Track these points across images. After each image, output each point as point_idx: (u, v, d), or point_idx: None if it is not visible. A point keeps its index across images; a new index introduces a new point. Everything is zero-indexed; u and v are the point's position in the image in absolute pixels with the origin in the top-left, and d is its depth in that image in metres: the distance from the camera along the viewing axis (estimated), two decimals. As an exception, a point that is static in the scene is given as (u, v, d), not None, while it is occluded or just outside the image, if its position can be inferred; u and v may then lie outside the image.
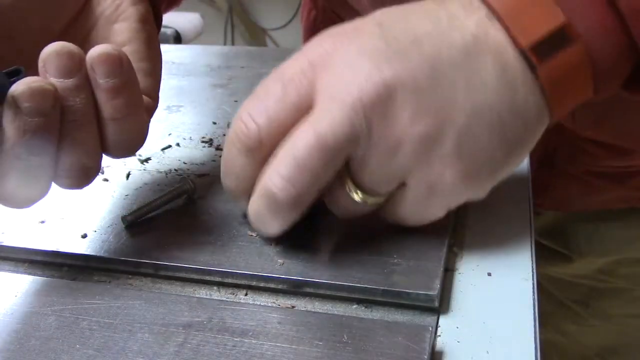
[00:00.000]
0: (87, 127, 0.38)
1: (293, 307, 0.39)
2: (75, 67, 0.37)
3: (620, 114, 0.62)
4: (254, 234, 0.43)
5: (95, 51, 0.38)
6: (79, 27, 0.45)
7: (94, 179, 0.41)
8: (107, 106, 0.38)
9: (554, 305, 0.79)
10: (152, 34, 0.46)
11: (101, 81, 0.38)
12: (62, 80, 0.36)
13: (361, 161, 0.38)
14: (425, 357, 0.33)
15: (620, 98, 0.41)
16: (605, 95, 0.39)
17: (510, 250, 0.43)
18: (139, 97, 0.41)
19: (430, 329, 0.35)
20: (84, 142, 0.38)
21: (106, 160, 0.55)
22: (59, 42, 0.37)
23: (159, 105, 0.46)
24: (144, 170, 0.53)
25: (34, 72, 0.37)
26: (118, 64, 0.38)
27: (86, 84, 0.38)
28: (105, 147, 0.40)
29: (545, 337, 0.37)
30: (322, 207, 0.42)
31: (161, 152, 0.56)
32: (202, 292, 0.40)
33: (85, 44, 0.40)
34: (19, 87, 0.34)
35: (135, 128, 0.41)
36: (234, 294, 0.40)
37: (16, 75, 0.35)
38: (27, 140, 0.35)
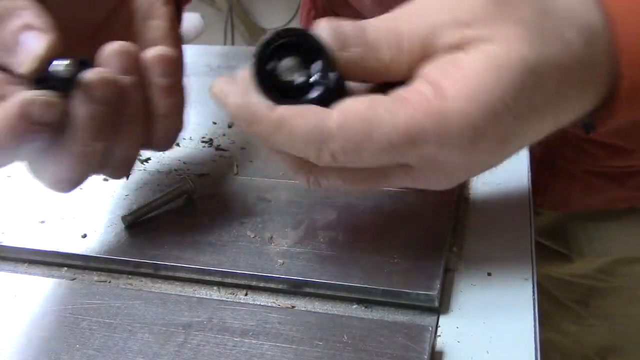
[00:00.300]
0: (138, 122, 0.41)
1: (293, 307, 0.39)
2: (134, 65, 0.40)
3: None
4: (253, 234, 0.43)
5: (152, 52, 0.41)
6: (116, 20, 0.46)
7: (131, 172, 0.44)
8: (160, 103, 0.41)
9: (554, 305, 0.79)
10: (179, 33, 0.47)
11: (157, 80, 0.41)
12: (121, 77, 0.39)
13: None
14: (425, 357, 0.33)
15: None
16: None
17: (510, 250, 0.43)
18: (185, 96, 0.44)
19: (430, 329, 0.35)
20: (134, 135, 0.41)
21: (106, 160, 0.55)
22: (119, 41, 0.40)
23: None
24: (144, 170, 0.53)
25: None
26: (174, 65, 0.42)
27: (141, 82, 0.40)
28: (149, 141, 0.43)
29: (545, 337, 0.37)
30: (322, 203, 0.42)
31: (161, 152, 0.56)
32: (202, 292, 0.40)
33: (121, 37, 0.41)
34: (91, 75, 0.37)
35: (179, 125, 0.44)
36: (234, 294, 0.40)
37: (85, 64, 0.37)
38: (92, 126, 0.38)
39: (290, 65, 0.35)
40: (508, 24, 0.33)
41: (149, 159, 0.55)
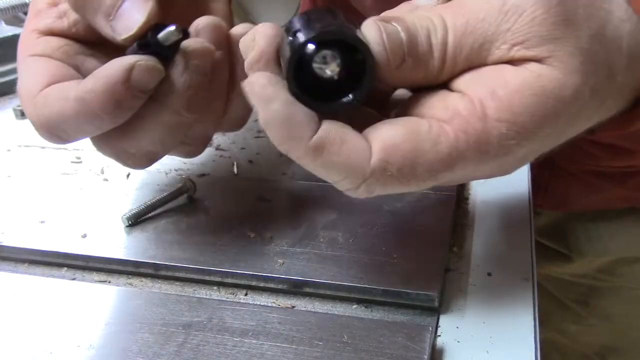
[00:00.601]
0: (222, 98, 0.41)
1: (293, 307, 0.39)
2: (225, 40, 0.40)
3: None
4: (253, 234, 0.43)
5: (240, 29, 0.41)
6: None
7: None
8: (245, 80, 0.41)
9: (554, 305, 0.79)
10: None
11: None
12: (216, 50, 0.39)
13: None
14: (425, 357, 0.33)
15: None
16: None
17: (510, 250, 0.43)
18: None
19: (430, 328, 0.35)
20: (217, 112, 0.41)
21: (106, 160, 0.55)
22: (210, 16, 0.40)
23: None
24: (144, 170, 0.53)
25: None
26: None
27: (227, 58, 0.40)
28: (224, 120, 0.43)
29: (545, 337, 0.37)
30: (322, 203, 0.42)
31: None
32: (202, 292, 0.40)
33: (184, 15, 0.41)
34: (194, 44, 0.37)
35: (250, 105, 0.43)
36: (234, 294, 0.40)
37: (185, 34, 0.37)
38: (188, 96, 0.37)
39: (327, 58, 0.31)
40: (566, 47, 0.31)
41: (149, 159, 0.54)
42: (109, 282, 0.42)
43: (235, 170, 0.52)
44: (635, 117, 0.37)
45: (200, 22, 0.39)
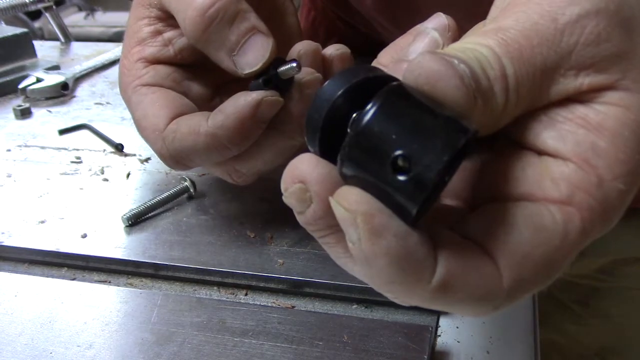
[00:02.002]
0: None
1: (293, 307, 0.39)
2: (321, 62, 0.42)
3: None
4: (253, 234, 0.43)
5: (332, 50, 0.42)
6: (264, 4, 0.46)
7: None
8: None
9: (554, 305, 0.79)
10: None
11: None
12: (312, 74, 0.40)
13: None
14: (425, 357, 0.33)
15: None
16: None
17: (510, 250, 0.43)
18: None
19: (430, 329, 0.35)
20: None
21: (106, 160, 0.55)
22: (308, 42, 0.41)
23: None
24: (144, 170, 0.53)
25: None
26: (349, 61, 0.43)
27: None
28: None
29: (545, 337, 0.37)
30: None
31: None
32: (202, 292, 0.40)
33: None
34: (306, 76, 0.39)
35: None
36: (234, 294, 0.40)
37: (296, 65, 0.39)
38: (301, 122, 0.39)
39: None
40: (635, 62, 0.25)
41: (149, 159, 0.55)
42: (109, 282, 0.42)
43: (235, 170, 0.52)
44: None
45: (302, 48, 0.41)
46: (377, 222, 0.22)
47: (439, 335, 0.36)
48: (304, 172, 0.24)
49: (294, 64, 0.37)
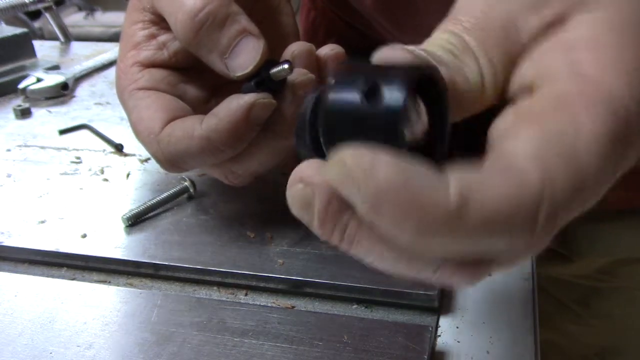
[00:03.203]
0: None
1: (293, 307, 0.39)
2: (315, 63, 0.42)
3: None
4: (253, 234, 0.43)
5: (326, 50, 0.42)
6: (251, 15, 0.45)
7: None
8: None
9: (554, 305, 0.79)
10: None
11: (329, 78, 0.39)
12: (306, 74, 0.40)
13: None
14: (425, 357, 0.33)
15: None
16: None
17: (510, 250, 0.43)
18: None
19: (430, 329, 0.35)
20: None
21: (106, 160, 0.55)
22: (303, 42, 0.42)
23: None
24: (144, 170, 0.53)
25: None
26: (343, 59, 0.43)
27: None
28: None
29: (545, 337, 0.37)
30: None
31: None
32: (202, 292, 0.40)
33: (259, 29, 0.42)
34: (298, 77, 0.39)
35: None
36: (234, 294, 0.40)
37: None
38: (294, 123, 0.38)
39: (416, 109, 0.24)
40: None
41: (149, 159, 0.55)
42: (109, 282, 0.41)
43: (235, 170, 0.52)
44: None
45: (296, 49, 0.41)
46: (367, 158, 0.21)
47: (439, 335, 0.36)
48: (298, 171, 0.25)
49: (286, 66, 0.38)
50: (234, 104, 0.38)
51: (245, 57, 0.38)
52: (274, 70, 0.38)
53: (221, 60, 0.39)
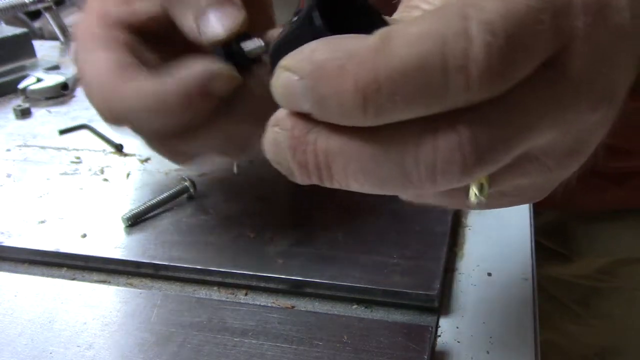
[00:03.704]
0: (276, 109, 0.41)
1: (293, 307, 0.39)
2: None
3: (619, 114, 0.62)
4: (253, 234, 0.43)
5: None
6: None
7: None
8: None
9: (554, 305, 0.79)
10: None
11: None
12: None
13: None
14: (425, 357, 0.33)
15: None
16: None
17: (510, 250, 0.43)
18: None
19: (430, 329, 0.35)
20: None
21: (106, 160, 0.55)
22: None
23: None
24: (144, 170, 0.53)
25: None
26: None
27: None
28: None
29: (545, 337, 0.37)
30: (322, 203, 0.42)
31: (161, 152, 0.56)
32: (202, 292, 0.40)
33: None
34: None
35: None
36: (234, 294, 0.40)
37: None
38: (257, 105, 0.35)
39: None
40: None
41: (149, 159, 0.55)
42: (109, 282, 0.41)
43: (235, 170, 0.52)
44: None
45: (277, 34, 0.39)
46: (296, 56, 0.23)
47: (439, 335, 0.36)
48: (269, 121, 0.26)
49: (262, 43, 0.36)
50: (195, 68, 0.35)
51: (220, 22, 0.36)
52: (248, 45, 0.36)
53: (195, 20, 0.36)
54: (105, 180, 0.52)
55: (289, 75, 0.23)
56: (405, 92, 0.21)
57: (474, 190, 0.26)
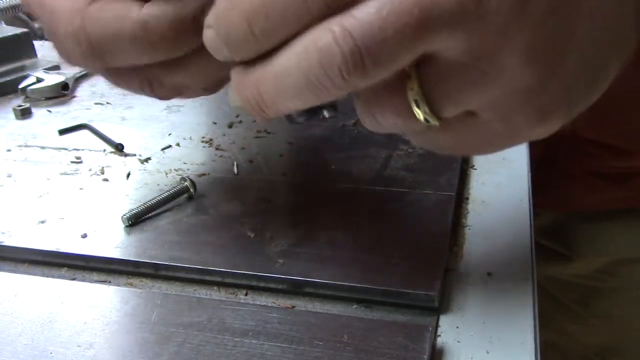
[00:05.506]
0: None
1: (293, 307, 0.39)
2: None
3: (619, 114, 0.62)
4: (253, 234, 0.43)
5: None
6: None
7: None
8: None
9: (554, 305, 0.79)
10: None
11: None
12: None
13: (448, 60, 0.26)
14: (425, 357, 0.33)
15: (620, 97, 0.41)
16: None
17: (510, 250, 0.43)
18: None
19: (430, 329, 0.35)
20: None
21: (106, 160, 0.55)
22: None
23: (159, 105, 0.46)
24: (144, 170, 0.53)
25: None
26: None
27: None
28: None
29: (545, 337, 0.37)
30: (322, 203, 0.42)
31: (161, 152, 0.56)
32: (202, 292, 0.40)
33: None
34: None
35: None
36: (234, 294, 0.40)
37: None
38: None
39: None
40: None
41: (149, 159, 0.55)
42: (109, 282, 0.42)
43: (235, 170, 0.52)
44: None
45: None
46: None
47: (439, 335, 0.36)
48: None
49: None
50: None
51: None
52: None
53: None
54: (105, 180, 0.52)
55: (207, 31, 0.28)
56: (276, 13, 0.25)
57: (413, 106, 0.28)
